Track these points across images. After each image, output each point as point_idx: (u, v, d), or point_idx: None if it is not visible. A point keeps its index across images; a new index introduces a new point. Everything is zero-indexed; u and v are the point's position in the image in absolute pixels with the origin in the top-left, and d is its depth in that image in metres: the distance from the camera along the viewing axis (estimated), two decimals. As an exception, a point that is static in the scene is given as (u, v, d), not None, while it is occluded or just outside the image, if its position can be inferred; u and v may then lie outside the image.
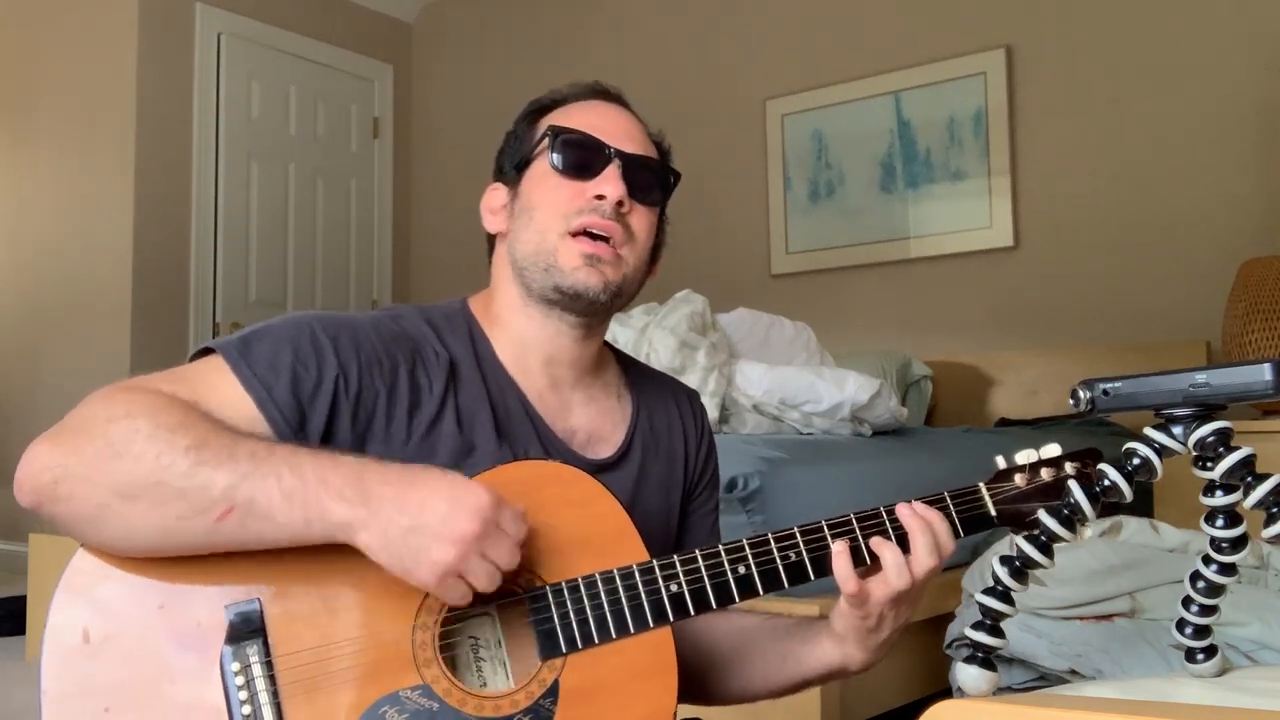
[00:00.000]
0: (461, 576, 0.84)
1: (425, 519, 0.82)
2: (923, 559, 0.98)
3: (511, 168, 1.10)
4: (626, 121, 1.10)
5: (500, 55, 5.24)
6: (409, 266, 5.55)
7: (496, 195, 1.12)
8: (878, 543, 0.99)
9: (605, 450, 1.11)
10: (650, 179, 1.08)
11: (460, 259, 5.11)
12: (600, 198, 1.03)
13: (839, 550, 0.97)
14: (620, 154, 1.05)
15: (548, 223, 1.04)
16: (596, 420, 1.11)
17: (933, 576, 1.00)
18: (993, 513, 1.04)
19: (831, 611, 1.04)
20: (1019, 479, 1.05)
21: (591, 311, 1.06)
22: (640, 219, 1.07)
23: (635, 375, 1.19)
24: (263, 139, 4.88)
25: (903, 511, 1.00)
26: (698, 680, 1.12)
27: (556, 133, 1.06)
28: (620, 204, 1.04)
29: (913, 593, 0.99)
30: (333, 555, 0.86)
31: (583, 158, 1.05)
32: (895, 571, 0.97)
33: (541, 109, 1.12)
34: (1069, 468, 1.06)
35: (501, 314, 1.08)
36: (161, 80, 4.53)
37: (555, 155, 1.05)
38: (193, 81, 4.64)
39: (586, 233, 1.03)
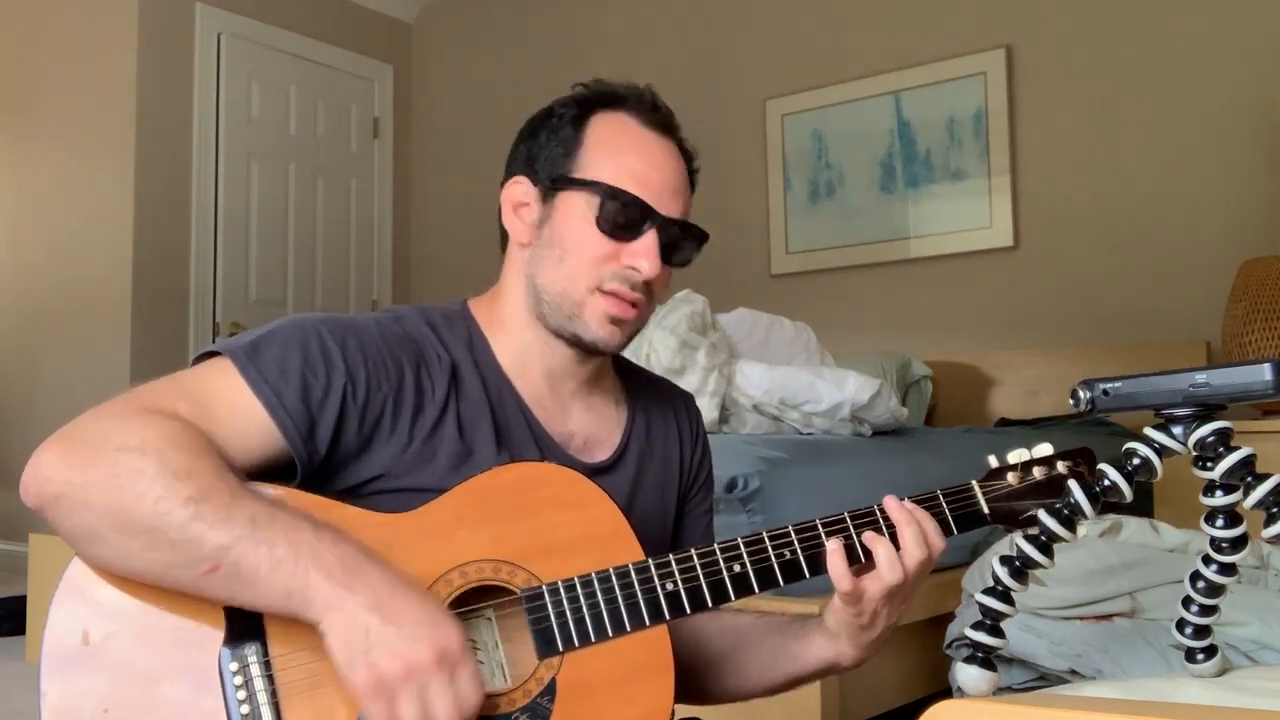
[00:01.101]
0: (393, 705, 0.80)
1: (390, 627, 0.81)
2: (912, 551, 0.98)
3: (548, 174, 1.05)
4: (675, 170, 1.06)
5: (500, 55, 5.24)
6: (409, 266, 5.55)
7: (522, 191, 1.07)
8: (870, 537, 0.99)
9: (602, 454, 1.11)
10: (683, 243, 1.06)
11: (460, 259, 5.11)
12: (634, 269, 1.02)
13: (834, 548, 0.98)
14: (662, 222, 1.03)
15: (579, 272, 1.02)
16: (594, 425, 1.11)
17: (925, 571, 1.00)
18: (985, 510, 1.05)
19: (825, 609, 1.05)
20: (1011, 477, 1.07)
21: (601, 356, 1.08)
22: (664, 277, 1.06)
23: (631, 378, 1.20)
24: (263, 139, 4.88)
25: (890, 504, 1.01)
26: (694, 679, 1.12)
27: (610, 192, 1.02)
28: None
29: (905, 589, 0.99)
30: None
31: (627, 219, 1.02)
32: (888, 566, 0.98)
33: (590, 104, 1.06)
34: (1061, 466, 1.07)
35: (508, 320, 1.08)
36: (161, 80, 4.53)
37: (602, 212, 1.02)
38: (193, 81, 4.64)
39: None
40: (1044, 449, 1.08)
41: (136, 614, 0.84)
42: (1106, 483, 0.96)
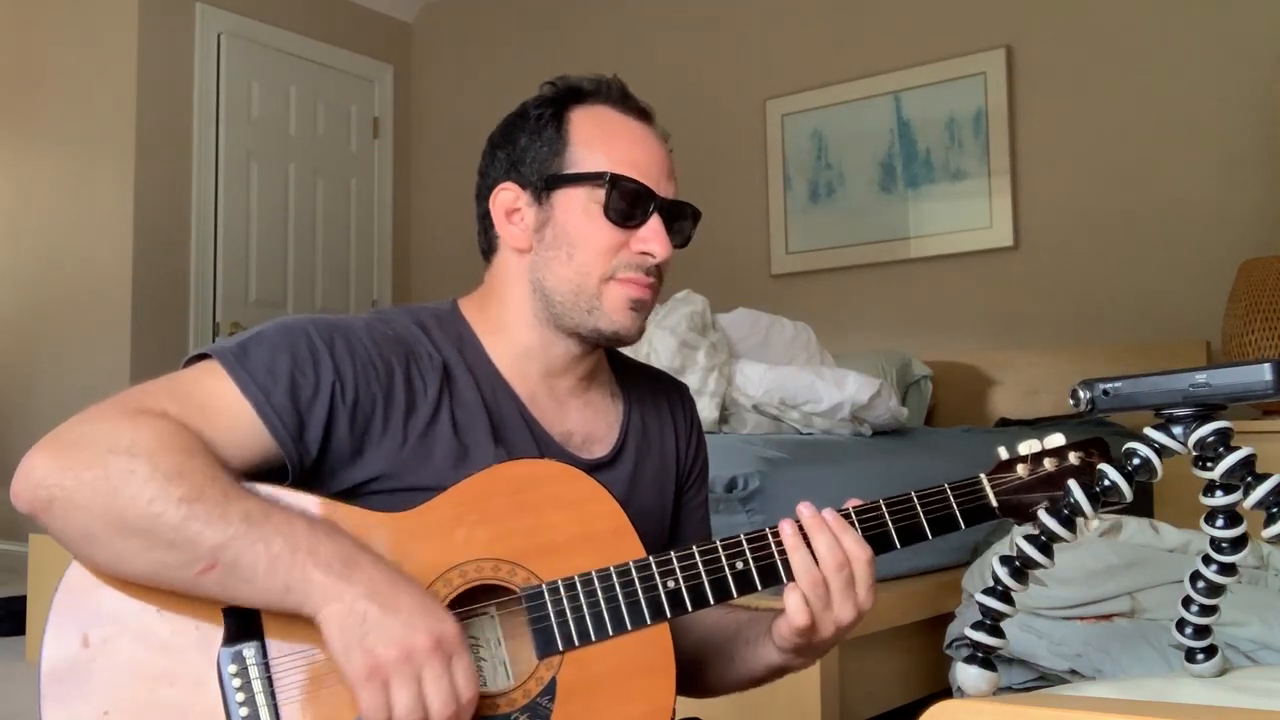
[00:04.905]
0: (387, 691, 0.81)
1: (387, 614, 0.81)
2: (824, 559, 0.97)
3: (538, 175, 1.05)
4: (663, 154, 1.07)
5: (500, 55, 5.24)
6: (409, 266, 5.55)
7: (512, 197, 1.06)
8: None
9: (600, 450, 1.11)
10: (684, 223, 1.07)
11: (460, 259, 5.10)
12: (647, 253, 1.03)
13: (794, 587, 0.96)
14: (664, 205, 1.04)
15: (591, 265, 1.03)
16: (592, 421, 1.11)
17: (848, 576, 0.97)
18: (994, 503, 1.03)
19: (774, 628, 1.03)
20: (1021, 469, 1.04)
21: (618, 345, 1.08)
22: (670, 259, 1.07)
23: (625, 372, 1.19)
24: (263, 139, 4.88)
25: (785, 529, 0.98)
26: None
27: (614, 180, 1.02)
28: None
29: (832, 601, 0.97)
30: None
31: (633, 204, 1.03)
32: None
33: (564, 100, 1.06)
34: (1073, 457, 1.05)
35: (508, 325, 1.07)
36: (161, 80, 4.53)
37: (609, 200, 1.02)
38: (193, 81, 4.64)
39: None
40: (1056, 439, 1.06)
41: (136, 616, 0.84)
42: (1106, 483, 0.96)
